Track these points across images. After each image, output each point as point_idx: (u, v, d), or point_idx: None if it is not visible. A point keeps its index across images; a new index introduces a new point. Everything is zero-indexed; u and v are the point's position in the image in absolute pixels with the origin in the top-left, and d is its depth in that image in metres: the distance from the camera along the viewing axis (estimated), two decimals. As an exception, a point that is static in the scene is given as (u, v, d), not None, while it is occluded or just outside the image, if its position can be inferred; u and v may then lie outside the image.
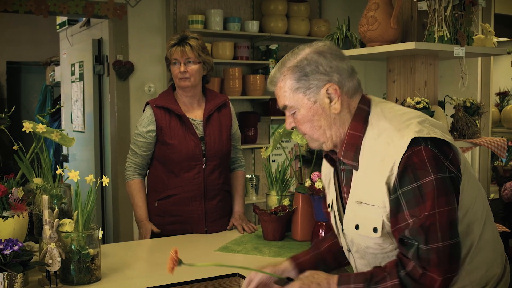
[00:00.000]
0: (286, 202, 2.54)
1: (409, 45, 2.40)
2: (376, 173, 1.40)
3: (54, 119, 6.15)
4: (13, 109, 2.23)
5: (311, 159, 2.52)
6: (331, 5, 5.20)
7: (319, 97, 1.46)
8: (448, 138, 1.42)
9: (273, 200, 2.58)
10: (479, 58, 4.36)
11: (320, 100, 1.46)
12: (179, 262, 1.43)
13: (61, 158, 5.73)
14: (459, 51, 2.51)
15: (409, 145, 1.34)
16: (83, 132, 5.06)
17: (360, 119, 1.47)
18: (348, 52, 2.74)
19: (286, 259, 1.72)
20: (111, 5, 4.13)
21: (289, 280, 1.53)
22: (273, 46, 4.64)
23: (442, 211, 1.31)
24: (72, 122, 5.45)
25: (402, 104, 2.52)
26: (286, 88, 1.48)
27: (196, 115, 2.64)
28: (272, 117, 4.69)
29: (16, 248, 1.65)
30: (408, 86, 2.71)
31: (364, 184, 1.45)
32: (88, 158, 4.94)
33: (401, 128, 1.39)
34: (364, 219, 1.45)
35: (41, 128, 1.96)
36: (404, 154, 1.34)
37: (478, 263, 1.46)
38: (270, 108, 4.70)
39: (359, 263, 1.57)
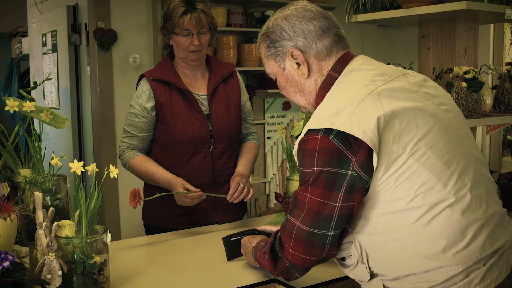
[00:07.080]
0: (311, 187, 2.21)
1: (460, 5, 2.06)
2: None
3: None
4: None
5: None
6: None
7: (287, 63, 1.43)
8: (371, 134, 1.21)
9: (295, 186, 2.24)
10: (491, 25, 4.07)
11: (289, 66, 1.43)
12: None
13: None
14: (511, 12, 2.19)
15: (309, 131, 1.29)
16: (58, 108, 4.60)
17: (326, 88, 1.39)
18: (378, 15, 2.40)
19: None
20: (89, -35, 3.64)
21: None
22: (269, 13, 4.23)
23: (313, 200, 1.27)
24: (44, 98, 5.00)
25: (447, 73, 2.20)
26: (263, 56, 1.48)
27: (200, 88, 2.26)
28: (268, 90, 4.31)
29: (6, 264, 1.26)
30: (447, 53, 2.38)
31: None
32: (65, 136, 4.51)
33: (325, 110, 1.30)
34: None
35: (29, 106, 1.55)
36: (302, 138, 1.31)
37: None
38: (266, 81, 4.31)
39: None
